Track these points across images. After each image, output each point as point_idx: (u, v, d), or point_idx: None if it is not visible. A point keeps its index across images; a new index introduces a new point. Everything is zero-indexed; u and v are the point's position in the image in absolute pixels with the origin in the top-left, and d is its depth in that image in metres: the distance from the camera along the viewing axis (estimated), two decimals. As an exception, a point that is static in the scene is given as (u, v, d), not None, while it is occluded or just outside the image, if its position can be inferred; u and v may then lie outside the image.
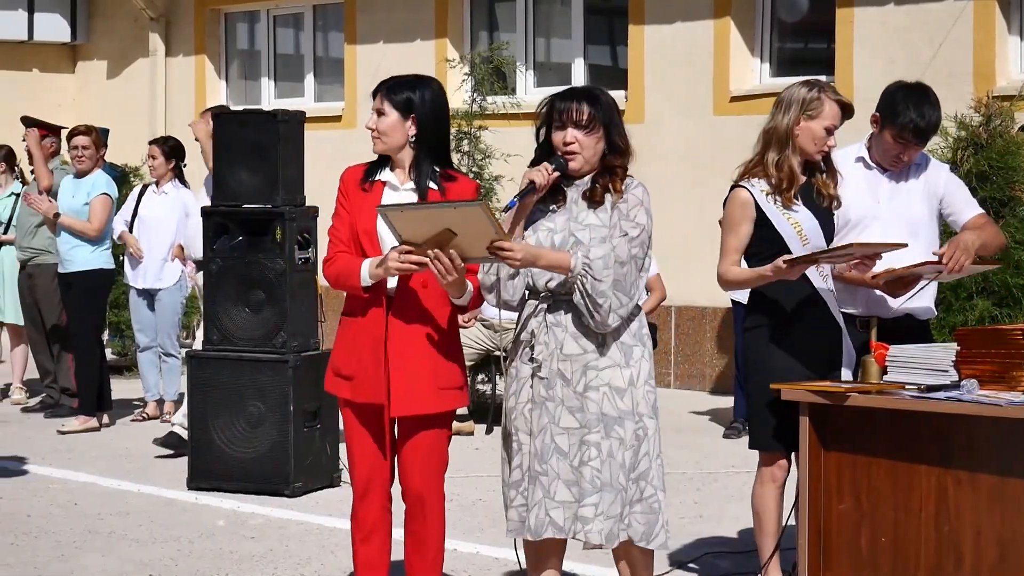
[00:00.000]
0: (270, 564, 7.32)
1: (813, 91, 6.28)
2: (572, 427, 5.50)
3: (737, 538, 7.66)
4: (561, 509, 5.48)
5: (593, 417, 5.49)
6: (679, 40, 13.41)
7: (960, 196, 6.52)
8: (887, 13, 12.24)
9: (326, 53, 16.56)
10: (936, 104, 6.39)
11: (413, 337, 5.55)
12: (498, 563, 7.26)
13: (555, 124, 5.53)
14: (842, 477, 5.91)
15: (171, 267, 11.52)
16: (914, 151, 6.40)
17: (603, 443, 5.48)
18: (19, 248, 12.11)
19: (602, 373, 5.51)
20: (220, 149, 9.09)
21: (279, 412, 8.82)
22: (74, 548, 7.66)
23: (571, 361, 5.51)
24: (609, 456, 5.48)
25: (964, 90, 11.21)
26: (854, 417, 5.83)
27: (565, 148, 5.51)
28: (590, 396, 5.50)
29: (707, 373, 13.27)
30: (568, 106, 5.51)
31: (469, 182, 5.70)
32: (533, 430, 5.53)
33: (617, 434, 5.50)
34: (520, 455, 5.58)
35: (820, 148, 6.19)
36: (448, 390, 5.61)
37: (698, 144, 12.97)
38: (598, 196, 5.53)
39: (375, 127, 5.64)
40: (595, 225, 5.49)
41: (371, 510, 5.77)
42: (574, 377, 5.51)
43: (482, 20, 15.22)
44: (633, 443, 5.53)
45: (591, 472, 5.46)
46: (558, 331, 5.51)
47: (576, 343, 5.51)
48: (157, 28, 17.18)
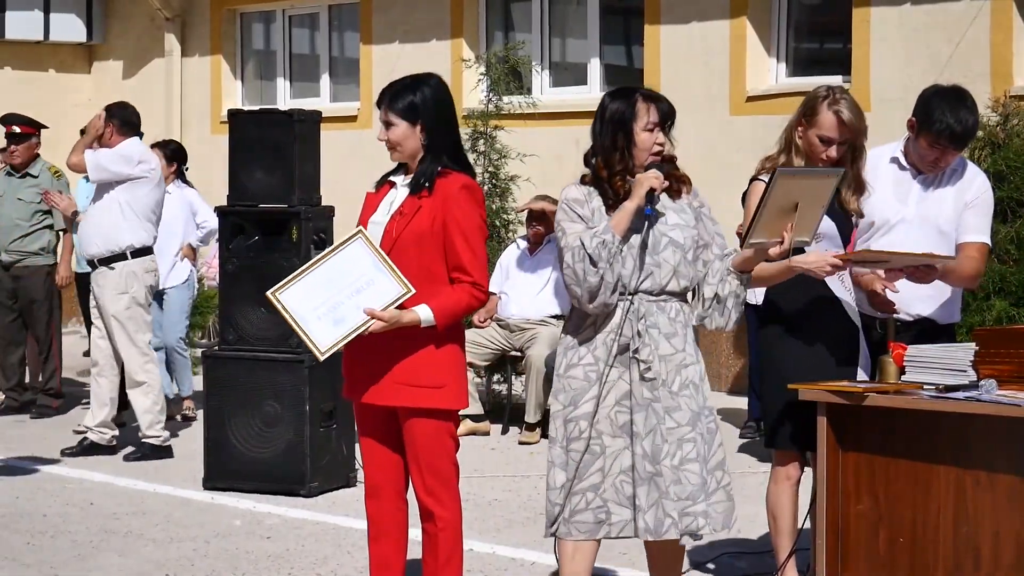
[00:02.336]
0: (286, 564, 7.32)
1: (819, 98, 6.23)
2: (671, 426, 5.54)
3: (754, 539, 7.65)
4: (676, 506, 5.52)
5: (688, 416, 5.56)
6: (695, 40, 13.38)
7: (974, 218, 6.38)
8: (904, 13, 12.20)
9: (341, 53, 16.55)
10: (973, 108, 6.28)
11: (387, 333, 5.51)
12: (514, 563, 7.25)
13: (647, 125, 5.53)
14: (859, 477, 5.90)
15: (180, 266, 11.52)
16: (952, 155, 6.31)
17: (696, 438, 5.57)
18: (3, 250, 11.78)
19: (687, 371, 5.60)
20: (236, 149, 9.10)
21: (295, 412, 8.83)
22: (90, 548, 7.66)
23: (666, 362, 5.55)
24: (698, 451, 5.57)
25: (981, 90, 11.17)
26: (872, 417, 5.82)
27: (660, 149, 5.57)
28: (683, 395, 5.57)
29: (723, 373, 13.24)
30: (669, 109, 5.58)
31: (458, 177, 5.62)
32: (638, 431, 5.51)
33: (701, 428, 5.60)
34: (603, 458, 5.54)
35: (818, 156, 6.14)
36: (413, 387, 5.54)
37: (714, 144, 12.94)
38: (676, 188, 5.62)
39: (386, 139, 5.65)
40: (681, 225, 5.58)
41: (383, 509, 5.76)
42: (669, 377, 5.56)
43: (498, 20, 15.20)
44: (708, 436, 5.64)
45: (698, 467, 5.54)
46: (654, 333, 5.54)
47: (669, 343, 5.56)
48: (173, 28, 17.18)
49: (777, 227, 5.56)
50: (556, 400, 5.66)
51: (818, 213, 5.69)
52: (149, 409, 9.92)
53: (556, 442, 5.65)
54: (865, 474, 5.88)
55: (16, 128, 11.76)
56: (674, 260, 5.54)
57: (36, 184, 11.74)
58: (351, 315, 5.45)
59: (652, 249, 5.52)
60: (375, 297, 5.45)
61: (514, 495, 8.85)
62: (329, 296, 5.47)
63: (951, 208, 6.35)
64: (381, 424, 5.69)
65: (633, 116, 5.54)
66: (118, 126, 10.05)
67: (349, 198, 5.87)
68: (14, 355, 12.00)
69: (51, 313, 11.89)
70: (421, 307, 5.49)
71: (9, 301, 11.84)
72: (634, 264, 5.50)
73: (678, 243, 5.55)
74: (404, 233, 5.54)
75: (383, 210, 5.67)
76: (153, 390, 9.92)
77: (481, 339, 11.00)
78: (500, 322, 11.11)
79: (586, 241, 5.42)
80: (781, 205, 5.53)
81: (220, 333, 9.23)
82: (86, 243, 10.03)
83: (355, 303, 5.45)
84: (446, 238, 5.53)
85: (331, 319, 5.46)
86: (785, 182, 5.52)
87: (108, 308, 9.87)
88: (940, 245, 6.31)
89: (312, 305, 5.47)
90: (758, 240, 5.56)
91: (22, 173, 11.79)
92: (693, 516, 5.55)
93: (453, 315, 5.55)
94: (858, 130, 6.21)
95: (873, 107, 12.03)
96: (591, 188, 5.60)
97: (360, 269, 5.46)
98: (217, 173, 11.83)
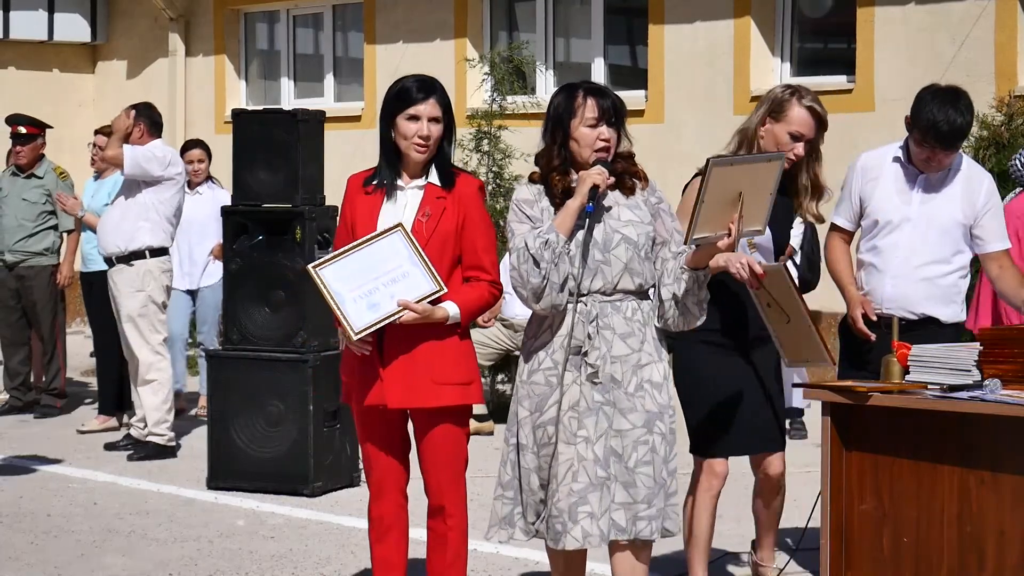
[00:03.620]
0: (290, 564, 7.32)
1: (785, 93, 6.21)
2: (625, 429, 5.43)
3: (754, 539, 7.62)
4: (622, 511, 5.42)
5: (644, 416, 5.44)
6: (699, 40, 13.38)
7: (995, 224, 6.39)
8: (908, 13, 12.20)
9: (345, 53, 16.56)
10: (965, 109, 6.23)
11: (407, 332, 5.53)
12: (518, 563, 7.26)
13: (587, 121, 5.42)
14: (864, 477, 5.89)
15: (213, 266, 11.53)
16: (945, 155, 6.27)
17: (650, 439, 5.44)
18: (8, 250, 11.76)
19: (644, 370, 5.48)
20: (240, 149, 9.10)
21: (299, 412, 8.83)
22: (94, 547, 7.67)
23: (621, 362, 5.44)
24: (653, 452, 5.45)
25: (985, 90, 11.18)
26: (876, 417, 5.81)
27: (604, 145, 5.44)
28: (639, 396, 5.45)
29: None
30: (605, 103, 5.43)
31: (468, 178, 5.66)
32: (590, 436, 5.40)
33: (659, 429, 5.47)
34: (559, 465, 5.42)
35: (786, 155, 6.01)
36: (447, 385, 5.55)
37: (718, 144, 12.79)
38: (628, 184, 5.50)
39: (430, 135, 5.57)
40: (635, 222, 5.46)
41: (386, 509, 5.77)
42: (624, 378, 5.44)
43: (501, 20, 15.21)
44: (670, 437, 5.52)
45: (652, 470, 5.43)
46: (607, 334, 5.44)
47: (624, 343, 5.45)
48: (177, 28, 17.19)
49: (722, 219, 5.30)
50: (522, 407, 5.54)
51: (766, 200, 5.42)
52: (157, 408, 9.93)
53: (527, 448, 5.53)
54: (869, 474, 5.88)
55: (22, 129, 11.76)
56: (625, 257, 5.42)
57: (41, 185, 11.74)
58: (385, 302, 5.49)
59: (604, 246, 5.41)
60: (408, 289, 5.48)
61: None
62: (366, 281, 5.49)
63: (959, 209, 6.34)
64: (390, 427, 5.69)
65: (571, 111, 5.44)
66: (148, 127, 10.08)
67: (353, 198, 5.85)
68: (18, 355, 12.00)
69: (55, 313, 11.89)
70: (449, 303, 5.52)
71: (13, 301, 11.84)
72: (582, 263, 5.40)
73: (631, 240, 5.43)
74: (434, 235, 5.55)
75: (394, 213, 5.61)
76: (163, 389, 9.94)
77: (485, 339, 11.00)
78: (504, 322, 11.11)
79: (529, 241, 5.35)
80: (722, 196, 5.29)
81: (224, 333, 9.23)
82: (105, 240, 10.00)
83: (390, 292, 5.48)
84: (466, 238, 5.57)
85: (366, 303, 5.49)
86: (721, 172, 5.28)
87: (123, 305, 9.88)
88: (943, 244, 6.32)
89: (349, 286, 5.49)
90: (701, 235, 5.33)
91: (27, 174, 11.79)
92: (647, 520, 5.42)
93: (476, 312, 5.62)
94: (824, 127, 6.22)
95: (877, 107, 12.05)
96: (541, 187, 5.53)
97: (397, 260, 5.49)
98: (221, 173, 11.83)
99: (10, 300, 11.84)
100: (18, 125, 11.79)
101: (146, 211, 9.88)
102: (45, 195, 11.67)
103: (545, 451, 5.48)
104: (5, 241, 11.76)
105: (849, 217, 6.56)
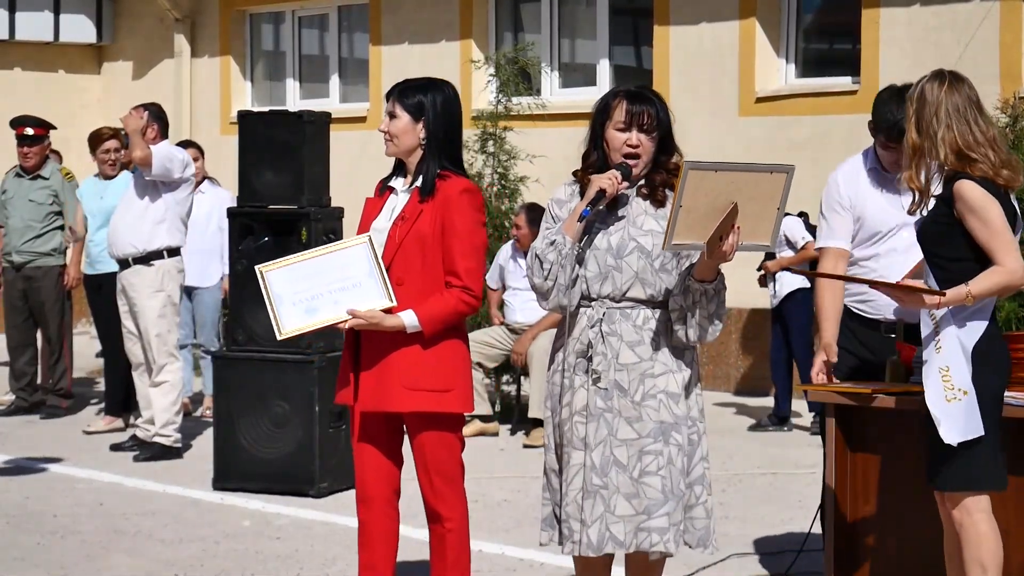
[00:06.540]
0: (296, 564, 7.33)
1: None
2: (630, 438, 5.34)
3: (763, 539, 7.65)
4: (622, 523, 5.32)
5: (651, 426, 5.34)
6: (704, 41, 13.39)
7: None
8: (913, 13, 12.21)
9: (351, 54, 16.58)
10: None
11: (384, 337, 5.53)
12: (523, 564, 7.26)
13: (616, 124, 5.36)
14: (868, 479, 5.90)
15: (212, 267, 11.54)
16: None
17: (664, 451, 5.34)
18: (15, 251, 11.77)
19: (658, 380, 5.37)
20: (245, 150, 9.12)
21: (304, 412, 8.84)
22: (100, 548, 7.68)
23: (627, 371, 5.35)
24: (669, 463, 5.35)
25: (990, 91, 11.16)
26: (880, 419, 5.82)
27: (630, 151, 5.36)
28: (648, 405, 5.35)
29: (732, 374, 13.25)
30: (640, 109, 5.34)
31: (459, 180, 5.62)
32: (590, 443, 5.36)
33: (675, 440, 5.36)
34: (569, 468, 5.39)
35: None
36: (420, 391, 5.53)
37: (724, 145, 12.94)
38: (660, 195, 5.40)
39: (387, 130, 5.66)
40: (655, 232, 5.34)
41: (373, 518, 5.72)
42: (631, 387, 5.35)
43: (507, 21, 15.22)
44: (688, 448, 5.41)
45: (660, 482, 5.32)
46: (613, 340, 5.36)
47: (632, 352, 5.36)
48: (182, 29, 17.22)
49: (709, 228, 5.07)
50: (546, 406, 5.55)
51: (773, 214, 5.13)
52: (167, 408, 9.95)
53: (550, 448, 5.52)
54: (873, 476, 5.89)
55: (29, 130, 11.77)
56: (637, 266, 5.34)
57: (47, 186, 11.75)
58: (326, 308, 5.54)
59: (617, 252, 5.35)
60: (356, 299, 5.51)
61: (523, 496, 8.85)
62: (311, 287, 5.55)
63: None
64: (381, 431, 5.67)
65: (606, 113, 5.41)
66: (160, 128, 10.11)
67: (358, 199, 5.86)
68: (25, 356, 12.02)
69: (62, 314, 11.90)
70: (406, 312, 5.50)
71: (21, 302, 11.85)
72: (597, 267, 5.35)
73: (645, 250, 5.33)
74: (408, 238, 5.55)
75: (385, 216, 5.66)
76: (174, 390, 9.96)
77: (490, 339, 11.02)
78: (508, 326, 11.13)
79: (538, 241, 5.36)
80: (708, 204, 5.06)
81: (230, 334, 9.24)
82: (120, 242, 9.98)
83: (333, 299, 5.52)
84: (444, 241, 5.54)
85: (304, 307, 5.55)
86: (700, 177, 5.01)
87: (143, 306, 9.89)
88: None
89: (293, 290, 5.56)
90: (682, 242, 5.09)
91: (33, 175, 11.80)
92: (648, 532, 5.32)
93: (441, 321, 5.54)
94: None
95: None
96: (576, 187, 5.49)
97: (354, 271, 5.53)
98: (227, 174, 11.85)
99: (18, 301, 11.86)
100: (25, 127, 11.79)
101: (164, 212, 9.91)
102: (51, 196, 11.69)
103: (560, 452, 5.47)
104: (13, 242, 11.77)
105: (844, 235, 6.40)
